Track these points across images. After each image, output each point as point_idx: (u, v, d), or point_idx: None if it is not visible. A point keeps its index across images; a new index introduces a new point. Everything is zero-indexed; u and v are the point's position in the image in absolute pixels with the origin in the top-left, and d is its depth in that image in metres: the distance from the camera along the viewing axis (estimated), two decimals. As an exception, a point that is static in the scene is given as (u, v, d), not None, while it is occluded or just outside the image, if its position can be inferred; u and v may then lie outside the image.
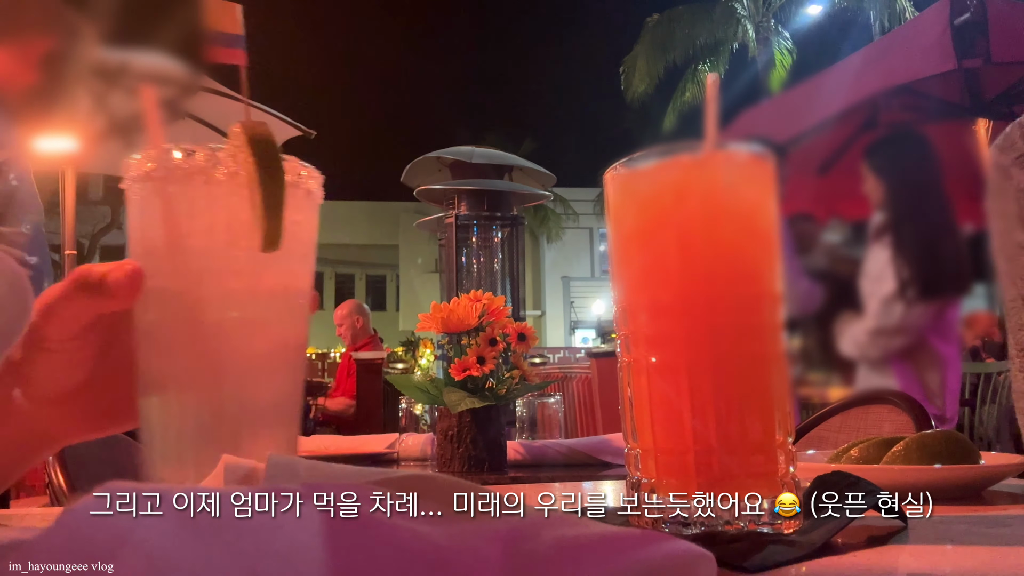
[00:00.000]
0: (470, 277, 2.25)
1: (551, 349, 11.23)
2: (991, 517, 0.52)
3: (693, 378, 0.49)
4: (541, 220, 20.40)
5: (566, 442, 1.57)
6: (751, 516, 0.47)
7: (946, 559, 0.41)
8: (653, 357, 0.51)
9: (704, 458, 0.48)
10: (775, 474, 0.48)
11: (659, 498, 0.49)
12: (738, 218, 0.52)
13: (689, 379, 0.49)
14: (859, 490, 0.51)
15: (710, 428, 0.48)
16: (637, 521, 0.51)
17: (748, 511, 0.47)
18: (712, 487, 0.48)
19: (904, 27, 6.38)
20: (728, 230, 0.51)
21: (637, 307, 0.53)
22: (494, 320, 1.39)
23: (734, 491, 0.47)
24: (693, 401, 0.49)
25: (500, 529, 0.26)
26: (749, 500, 0.47)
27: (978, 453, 0.66)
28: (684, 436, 0.49)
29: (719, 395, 0.49)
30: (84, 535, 0.21)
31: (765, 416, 0.49)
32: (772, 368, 0.50)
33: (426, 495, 0.31)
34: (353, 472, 0.39)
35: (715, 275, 0.51)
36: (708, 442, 0.48)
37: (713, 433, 0.48)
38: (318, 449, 1.62)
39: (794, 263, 2.74)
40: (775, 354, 0.51)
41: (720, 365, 0.49)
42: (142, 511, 0.22)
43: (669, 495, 0.49)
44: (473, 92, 38.25)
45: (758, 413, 0.49)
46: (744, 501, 0.47)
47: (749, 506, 0.47)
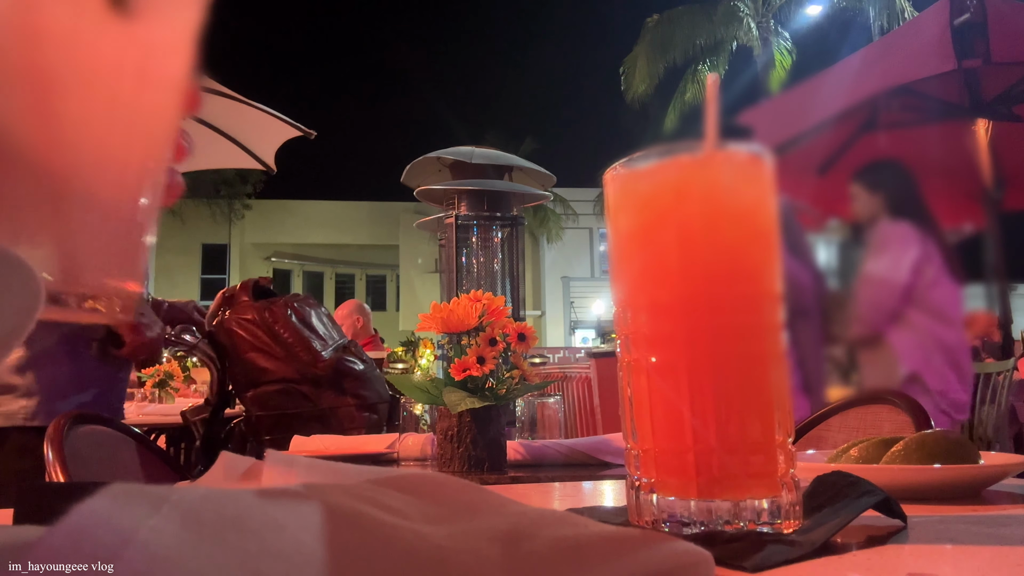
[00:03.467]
0: (470, 277, 2.25)
1: (551, 349, 11.23)
2: (991, 517, 0.52)
3: (693, 378, 0.49)
4: (541, 220, 20.40)
5: (566, 442, 1.57)
6: (751, 516, 0.47)
7: (946, 559, 0.41)
8: (653, 357, 0.51)
9: (704, 458, 0.48)
10: (775, 474, 0.48)
11: (659, 498, 0.49)
12: (738, 218, 0.52)
13: (689, 379, 0.49)
14: (858, 490, 0.51)
15: (710, 428, 0.48)
16: (637, 521, 0.51)
17: (748, 511, 0.47)
18: (712, 487, 0.48)
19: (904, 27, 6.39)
20: (728, 230, 0.51)
21: (637, 307, 0.53)
22: (494, 320, 1.39)
23: (734, 491, 0.47)
24: (693, 401, 0.49)
25: (500, 529, 0.26)
26: (749, 500, 0.47)
27: (978, 453, 0.66)
28: (684, 436, 0.49)
29: (719, 395, 0.49)
30: (84, 535, 0.21)
31: (765, 416, 0.49)
32: (772, 368, 0.50)
33: (426, 495, 0.31)
34: (353, 471, 0.39)
35: (715, 275, 0.51)
36: (708, 442, 0.48)
37: (713, 433, 0.48)
38: (318, 449, 1.62)
39: (802, 257, 2.76)
40: (775, 354, 0.51)
41: (720, 365, 0.49)
42: (143, 511, 0.22)
43: (669, 495, 0.49)
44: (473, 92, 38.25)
45: (758, 413, 0.49)
46: (744, 501, 0.47)
47: (749, 506, 0.47)
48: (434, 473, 0.37)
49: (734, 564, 0.40)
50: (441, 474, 0.36)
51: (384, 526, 0.24)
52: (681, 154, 0.53)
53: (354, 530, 0.24)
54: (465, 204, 2.26)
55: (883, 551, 0.44)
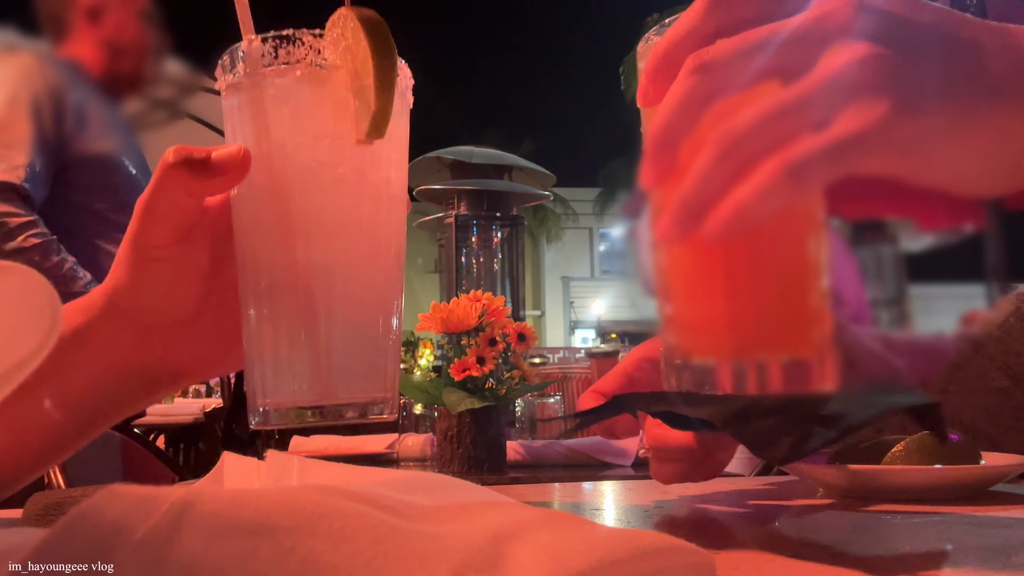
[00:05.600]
0: (470, 277, 2.25)
1: (551, 349, 11.22)
2: (991, 517, 0.52)
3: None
4: (541, 220, 20.40)
5: (566, 442, 1.57)
6: (784, 378, 0.44)
7: (946, 559, 0.41)
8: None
9: (738, 319, 0.46)
10: (814, 339, 0.45)
11: (693, 362, 0.46)
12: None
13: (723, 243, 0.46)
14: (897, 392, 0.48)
15: (744, 291, 0.46)
16: (669, 383, 0.48)
17: (779, 373, 0.44)
18: (745, 351, 0.45)
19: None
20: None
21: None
22: (494, 320, 1.39)
23: (769, 354, 0.45)
24: (728, 262, 0.46)
25: (499, 528, 0.26)
26: (784, 364, 0.45)
27: (978, 453, 0.66)
28: (716, 298, 0.46)
29: (754, 256, 0.46)
30: (84, 535, 0.21)
31: (798, 277, 0.46)
32: (809, 228, 0.47)
33: (426, 495, 0.31)
34: (353, 472, 0.39)
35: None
36: (742, 304, 0.46)
37: (747, 295, 0.46)
38: (318, 449, 1.62)
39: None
40: (813, 212, 0.48)
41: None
42: (144, 512, 0.22)
43: (702, 359, 0.46)
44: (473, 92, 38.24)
45: (795, 275, 0.46)
46: (778, 365, 0.45)
47: (783, 370, 0.44)
48: (434, 474, 0.37)
49: (763, 453, 0.38)
50: (441, 475, 0.36)
51: (382, 525, 0.24)
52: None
53: (355, 531, 0.24)
54: (465, 204, 2.26)
55: (883, 551, 0.44)
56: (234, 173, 0.48)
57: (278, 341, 0.49)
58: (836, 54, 0.34)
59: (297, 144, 0.50)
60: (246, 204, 0.51)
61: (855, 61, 0.33)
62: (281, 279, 0.49)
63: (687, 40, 0.39)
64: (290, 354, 0.49)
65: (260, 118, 0.50)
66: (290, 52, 0.50)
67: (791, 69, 0.35)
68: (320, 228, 0.50)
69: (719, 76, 0.36)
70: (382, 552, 0.23)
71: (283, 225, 0.49)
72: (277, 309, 0.49)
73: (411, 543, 0.24)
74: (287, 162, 0.50)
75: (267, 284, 0.50)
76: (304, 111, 0.50)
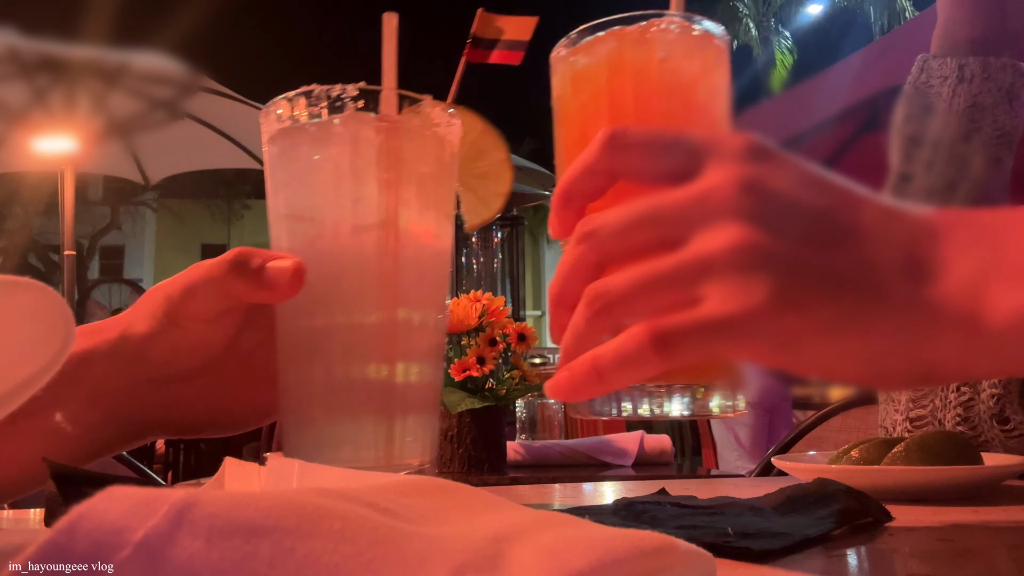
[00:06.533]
0: (470, 277, 2.25)
1: (551, 349, 11.22)
2: (992, 518, 0.52)
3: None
4: (541, 220, 20.39)
5: (566, 442, 1.57)
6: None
7: (946, 560, 0.41)
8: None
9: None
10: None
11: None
12: (674, 92, 0.48)
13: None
14: (829, 506, 0.48)
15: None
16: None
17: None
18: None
19: (904, 27, 6.38)
20: (661, 105, 0.48)
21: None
22: (494, 320, 1.39)
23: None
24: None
25: (499, 529, 0.26)
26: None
27: (978, 453, 0.66)
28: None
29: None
30: (84, 535, 0.21)
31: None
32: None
33: (425, 499, 0.31)
34: (352, 475, 0.39)
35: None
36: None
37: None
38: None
39: None
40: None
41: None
42: (144, 512, 0.22)
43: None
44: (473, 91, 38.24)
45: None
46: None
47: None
48: (434, 478, 0.37)
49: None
50: (442, 479, 0.36)
51: (381, 526, 0.24)
52: (618, 27, 0.49)
53: (355, 532, 0.24)
54: (465, 204, 2.26)
55: (882, 552, 0.44)
56: (285, 290, 0.47)
57: (340, 408, 0.49)
58: (710, 236, 0.34)
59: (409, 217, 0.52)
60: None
61: (726, 247, 0.33)
62: (357, 350, 0.49)
63: (583, 179, 0.40)
64: (354, 423, 0.49)
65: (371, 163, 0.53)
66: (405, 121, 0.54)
67: (671, 242, 0.35)
68: (417, 301, 0.51)
69: (604, 245, 0.37)
70: (382, 552, 0.23)
71: (386, 295, 0.50)
72: (347, 377, 0.49)
73: (410, 544, 0.24)
74: (361, 223, 0.51)
75: (340, 353, 0.49)
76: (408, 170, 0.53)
